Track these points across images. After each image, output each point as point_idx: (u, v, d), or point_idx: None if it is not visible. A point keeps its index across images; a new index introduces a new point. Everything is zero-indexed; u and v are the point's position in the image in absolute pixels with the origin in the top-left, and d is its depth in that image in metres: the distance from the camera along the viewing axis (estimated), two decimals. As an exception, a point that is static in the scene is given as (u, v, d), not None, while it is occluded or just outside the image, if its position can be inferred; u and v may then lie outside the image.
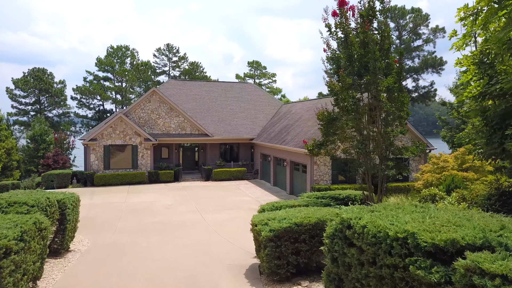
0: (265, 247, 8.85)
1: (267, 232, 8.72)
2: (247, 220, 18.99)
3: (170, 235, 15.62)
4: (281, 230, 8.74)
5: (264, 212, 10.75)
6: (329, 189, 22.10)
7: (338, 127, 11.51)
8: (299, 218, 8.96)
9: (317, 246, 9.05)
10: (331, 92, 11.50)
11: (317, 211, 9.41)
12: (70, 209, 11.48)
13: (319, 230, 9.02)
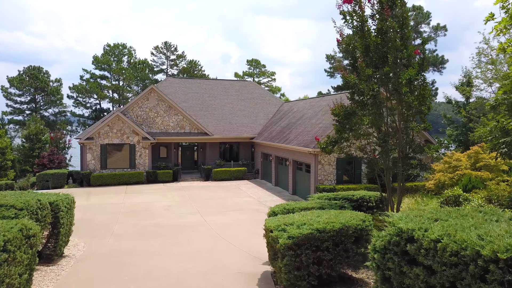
0: (283, 256, 7.94)
1: (285, 240, 7.81)
2: (251, 222, 18.26)
3: (171, 240, 14.77)
4: (301, 237, 7.81)
5: (277, 215, 9.92)
6: (334, 189, 21.36)
7: (354, 123, 10.74)
8: (321, 224, 8.06)
9: (342, 255, 8.24)
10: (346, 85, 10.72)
11: (338, 215, 8.56)
12: (64, 211, 10.59)
13: (343, 237, 8.20)
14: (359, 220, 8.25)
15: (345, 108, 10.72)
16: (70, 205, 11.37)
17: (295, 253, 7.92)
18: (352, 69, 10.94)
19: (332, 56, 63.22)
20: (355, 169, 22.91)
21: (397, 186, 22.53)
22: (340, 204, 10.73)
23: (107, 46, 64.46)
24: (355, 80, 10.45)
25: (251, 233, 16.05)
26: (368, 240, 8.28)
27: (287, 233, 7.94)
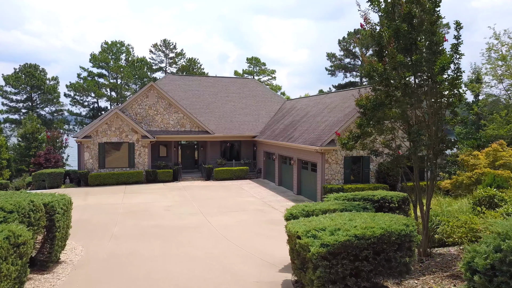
0: (315, 267, 6.92)
1: (318, 248, 6.81)
2: (256, 223, 17.44)
3: (173, 242, 13.94)
4: (337, 245, 6.82)
5: (297, 218, 9.07)
6: (342, 189, 20.58)
7: (380, 116, 9.91)
8: (359, 229, 7.08)
9: (383, 265, 7.27)
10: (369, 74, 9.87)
11: (374, 218, 7.66)
12: (60, 214, 9.69)
13: (385, 244, 7.21)
14: (401, 225, 7.29)
15: (373, 98, 9.87)
16: (66, 207, 10.47)
17: (330, 264, 6.94)
18: (378, 56, 10.10)
19: (333, 54, 62.55)
20: (363, 168, 22.14)
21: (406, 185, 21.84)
22: (363, 205, 9.89)
23: (104, 43, 63.47)
24: (382, 68, 9.62)
25: (258, 235, 15.24)
26: (411, 248, 7.38)
27: (320, 240, 6.96)
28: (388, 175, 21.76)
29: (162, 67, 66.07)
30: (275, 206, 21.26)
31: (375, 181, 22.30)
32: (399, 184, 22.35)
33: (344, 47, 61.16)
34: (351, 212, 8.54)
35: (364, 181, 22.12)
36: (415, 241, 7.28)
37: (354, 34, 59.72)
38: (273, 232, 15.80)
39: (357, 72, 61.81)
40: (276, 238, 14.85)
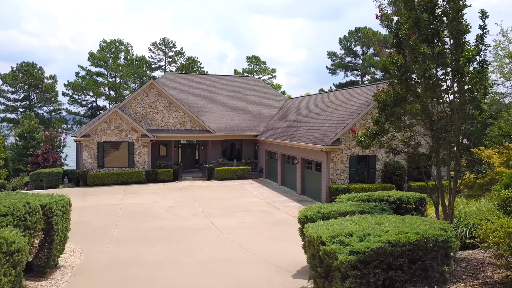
0: (344, 277, 6.25)
1: (346, 255, 6.16)
2: (262, 225, 16.86)
3: (178, 246, 13.34)
4: (369, 252, 6.14)
5: (314, 221, 8.50)
6: (348, 189, 20.06)
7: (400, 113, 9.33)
8: (392, 234, 6.39)
9: (419, 275, 6.58)
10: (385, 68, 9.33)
11: (404, 222, 7.01)
12: (58, 216, 9.10)
13: (422, 251, 6.51)
14: (438, 229, 6.62)
15: (394, 93, 9.30)
16: (65, 208, 9.87)
17: (361, 273, 6.22)
18: (396, 49, 9.54)
19: (334, 53, 62.05)
20: (369, 167, 21.62)
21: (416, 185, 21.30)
22: (380, 207, 9.35)
23: (103, 42, 62.81)
24: (403, 61, 9.05)
25: (266, 238, 14.69)
26: (448, 255, 6.72)
27: (348, 247, 6.29)
28: (394, 175, 21.25)
29: (162, 65, 65.45)
30: (280, 207, 20.73)
31: (381, 180, 21.79)
32: (405, 184, 21.85)
33: (345, 45, 60.67)
34: (374, 215, 7.95)
35: (370, 181, 21.60)
36: (454, 248, 6.67)
37: (355, 33, 59.27)
38: (281, 234, 15.26)
39: (358, 71, 61.34)
40: (284, 240, 14.32)
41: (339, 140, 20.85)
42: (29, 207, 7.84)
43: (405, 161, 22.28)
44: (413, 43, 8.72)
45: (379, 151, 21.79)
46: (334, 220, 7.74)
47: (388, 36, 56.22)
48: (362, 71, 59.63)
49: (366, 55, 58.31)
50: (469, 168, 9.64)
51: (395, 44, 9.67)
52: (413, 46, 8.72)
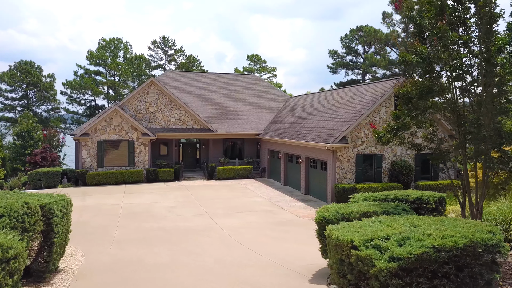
0: (383, 286, 5.60)
1: (386, 262, 5.52)
2: (266, 225, 16.34)
3: (181, 247, 12.82)
4: (411, 258, 5.50)
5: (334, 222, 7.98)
6: (354, 188, 19.58)
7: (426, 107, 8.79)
8: (437, 239, 5.74)
9: (467, 284, 5.94)
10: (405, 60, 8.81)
11: (442, 224, 6.41)
12: (58, 217, 8.55)
13: (469, 257, 5.92)
14: (485, 232, 6.02)
15: (420, 84, 8.74)
16: (66, 208, 9.31)
17: (403, 282, 5.58)
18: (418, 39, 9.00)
19: (335, 52, 61.55)
20: (375, 166, 21.15)
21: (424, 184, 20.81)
22: (402, 207, 8.84)
23: (102, 40, 62.15)
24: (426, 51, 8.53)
25: (272, 238, 14.20)
26: (496, 261, 6.07)
27: (388, 252, 5.66)
28: (401, 174, 20.78)
29: (161, 64, 64.83)
30: (284, 207, 20.25)
31: (387, 180, 21.32)
32: (412, 183, 21.39)
33: (346, 44, 60.16)
34: (403, 216, 7.40)
35: (376, 180, 21.12)
36: (504, 253, 6.07)
37: (357, 31, 58.77)
38: (287, 234, 14.77)
39: (359, 69, 60.86)
40: (291, 241, 13.83)
41: (345, 138, 20.37)
42: (28, 207, 7.28)
43: (412, 159, 21.83)
44: (442, 30, 8.18)
45: (386, 150, 21.33)
46: (359, 221, 7.20)
47: (389, 34, 55.75)
48: (364, 70, 59.15)
49: (367, 53, 57.79)
50: (503, 164, 8.97)
51: (416, 33, 9.15)
52: (442, 34, 8.19)
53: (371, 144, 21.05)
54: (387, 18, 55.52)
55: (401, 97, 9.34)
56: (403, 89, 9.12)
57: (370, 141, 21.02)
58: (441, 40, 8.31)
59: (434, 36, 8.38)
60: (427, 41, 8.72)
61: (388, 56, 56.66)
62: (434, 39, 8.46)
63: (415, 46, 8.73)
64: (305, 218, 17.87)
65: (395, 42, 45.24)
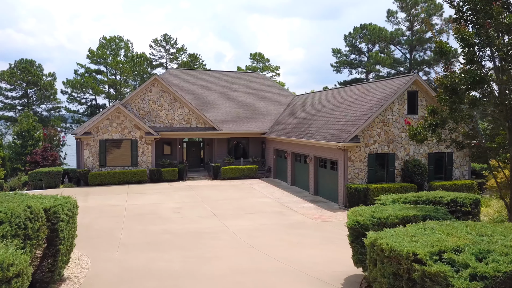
0: None
1: (466, 281, 4.63)
2: (279, 228, 15.57)
3: (193, 253, 12.08)
4: (500, 277, 4.59)
5: (368, 228, 7.21)
6: (367, 189, 18.90)
7: (475, 98, 8.05)
8: None
9: None
10: (439, 51, 8.11)
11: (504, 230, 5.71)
12: (64, 221, 7.80)
13: None
14: None
15: (470, 72, 7.95)
16: (72, 212, 8.54)
17: None
18: (472, 24, 8.19)
19: (339, 50, 60.82)
20: (388, 166, 20.46)
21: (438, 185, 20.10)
22: (443, 211, 8.12)
23: (103, 39, 61.43)
24: (473, 36, 7.77)
25: (287, 242, 13.49)
26: None
27: (468, 269, 4.77)
28: (415, 174, 20.10)
29: (163, 63, 64.08)
30: (294, 208, 19.56)
31: (400, 180, 20.63)
32: (426, 183, 20.70)
33: (350, 42, 59.42)
34: (462, 222, 6.60)
35: (389, 180, 20.43)
36: None
37: (360, 30, 58.03)
38: (302, 238, 14.08)
39: (362, 68, 60.12)
40: (308, 245, 13.13)
41: (357, 137, 19.68)
42: (31, 212, 6.53)
43: (425, 159, 21.14)
44: (496, 12, 7.41)
45: (399, 149, 20.64)
46: (405, 228, 6.43)
47: (393, 33, 54.99)
48: (367, 69, 58.40)
49: (372, 52, 57.03)
50: None
51: (457, 19, 8.41)
52: (496, 15, 7.41)
53: (383, 143, 20.36)
54: (391, 16, 54.82)
55: (444, 89, 8.57)
56: (447, 80, 8.36)
57: (382, 139, 20.34)
58: (496, 23, 7.51)
59: (486, 19, 7.61)
60: (474, 27, 7.97)
61: (392, 54, 55.94)
62: (486, 23, 7.70)
63: (461, 32, 7.96)
64: (317, 219, 17.20)
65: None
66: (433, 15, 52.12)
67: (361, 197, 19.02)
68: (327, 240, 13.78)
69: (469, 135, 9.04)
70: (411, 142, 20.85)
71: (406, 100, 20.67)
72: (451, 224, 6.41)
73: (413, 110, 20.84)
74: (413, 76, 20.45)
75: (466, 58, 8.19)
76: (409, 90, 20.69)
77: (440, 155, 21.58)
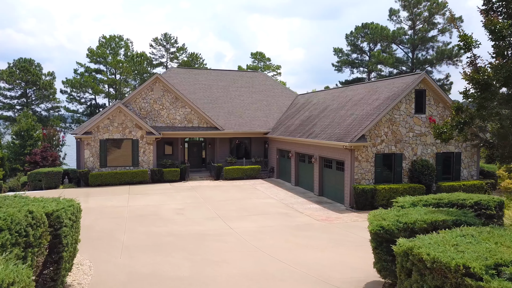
0: None
1: None
2: (285, 229, 15.13)
3: (199, 257, 11.67)
4: None
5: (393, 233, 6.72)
6: (374, 189, 18.51)
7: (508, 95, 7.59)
8: None
9: None
10: (471, 41, 7.59)
11: None
12: (68, 226, 7.32)
13: None
14: None
15: (508, 68, 7.48)
16: (76, 216, 8.02)
17: None
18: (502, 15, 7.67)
19: (340, 50, 60.42)
20: (395, 166, 20.05)
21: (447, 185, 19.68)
22: (471, 215, 7.69)
23: (102, 38, 60.93)
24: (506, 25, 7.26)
25: (295, 245, 13.08)
26: None
27: None
28: (422, 174, 19.69)
29: (163, 62, 63.58)
30: (299, 209, 19.15)
31: (407, 180, 20.22)
32: (434, 184, 20.30)
33: (351, 42, 58.99)
34: (502, 229, 6.15)
35: (396, 181, 20.03)
36: None
37: (362, 28, 57.62)
38: (310, 240, 13.66)
39: (364, 68, 59.72)
40: (317, 248, 12.71)
41: (364, 136, 19.27)
42: (32, 217, 6.04)
43: (433, 159, 20.74)
44: None
45: (406, 149, 20.23)
46: (442, 235, 5.96)
47: (396, 32, 54.55)
48: (369, 68, 57.98)
49: (374, 51, 56.57)
50: None
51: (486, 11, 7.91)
52: None
53: (390, 142, 19.95)
54: (393, 15, 54.44)
55: (475, 84, 8.08)
56: (479, 76, 7.88)
57: (389, 139, 19.93)
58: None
59: None
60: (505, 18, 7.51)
61: (394, 54, 55.51)
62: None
63: (494, 23, 7.46)
64: (324, 221, 16.78)
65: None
66: (436, 14, 51.77)
67: (368, 198, 18.62)
68: (336, 243, 13.37)
69: (500, 134, 8.54)
70: (418, 142, 20.45)
71: (413, 99, 20.27)
72: (492, 230, 5.96)
73: (421, 109, 20.44)
74: (421, 74, 20.03)
75: (498, 51, 7.72)
76: (417, 89, 20.28)
77: (448, 155, 21.17)
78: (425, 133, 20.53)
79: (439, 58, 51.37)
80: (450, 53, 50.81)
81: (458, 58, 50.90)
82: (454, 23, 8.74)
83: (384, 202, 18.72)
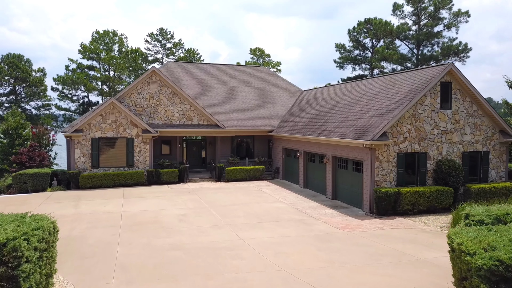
0: None
1: None
2: (306, 240, 12.87)
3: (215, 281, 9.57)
4: None
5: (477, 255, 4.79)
6: (398, 193, 16.61)
7: None
8: None
9: None
10: None
11: None
12: (32, 261, 5.07)
13: None
14: None
15: None
16: (47, 241, 5.78)
17: None
18: None
19: (342, 45, 58.54)
20: (419, 167, 18.14)
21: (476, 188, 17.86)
22: None
23: (96, 33, 58.53)
24: None
25: (324, 262, 11.04)
26: None
27: None
28: (450, 175, 17.81)
29: (159, 58, 61.30)
30: (314, 215, 17.18)
31: (432, 182, 18.33)
32: (461, 186, 18.41)
33: (354, 38, 57.13)
34: None
35: (420, 183, 18.12)
36: None
37: (365, 24, 55.80)
38: (340, 255, 11.66)
39: (366, 64, 57.90)
40: (352, 266, 10.68)
41: (386, 134, 17.34)
42: None
43: (459, 159, 18.86)
44: None
45: (431, 148, 18.33)
46: None
47: (400, 27, 52.81)
48: (371, 65, 56.17)
49: (377, 47, 54.66)
50: None
51: None
52: None
53: (414, 140, 18.04)
54: (397, 10, 52.67)
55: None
56: None
57: (413, 137, 18.02)
58: None
59: None
60: None
61: (398, 50, 53.71)
62: None
63: None
64: (345, 229, 14.82)
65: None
66: (441, 9, 50.08)
67: (391, 203, 16.72)
68: (371, 259, 11.38)
69: None
70: (444, 140, 18.57)
71: (439, 92, 18.37)
72: None
73: (447, 104, 18.55)
74: (447, 65, 18.14)
75: None
76: (442, 81, 18.39)
77: (475, 154, 19.30)
78: (451, 130, 18.65)
79: (445, 54, 49.68)
80: (456, 49, 49.16)
81: (464, 54, 49.33)
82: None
83: (408, 207, 16.84)
